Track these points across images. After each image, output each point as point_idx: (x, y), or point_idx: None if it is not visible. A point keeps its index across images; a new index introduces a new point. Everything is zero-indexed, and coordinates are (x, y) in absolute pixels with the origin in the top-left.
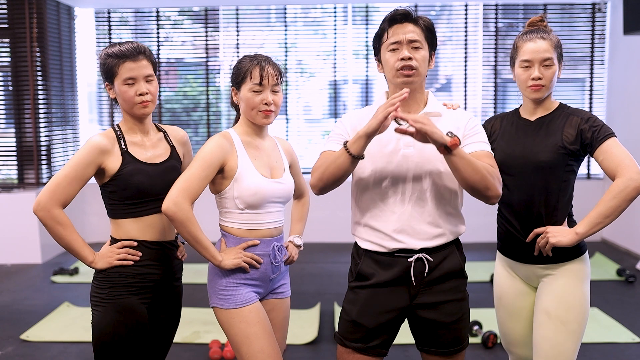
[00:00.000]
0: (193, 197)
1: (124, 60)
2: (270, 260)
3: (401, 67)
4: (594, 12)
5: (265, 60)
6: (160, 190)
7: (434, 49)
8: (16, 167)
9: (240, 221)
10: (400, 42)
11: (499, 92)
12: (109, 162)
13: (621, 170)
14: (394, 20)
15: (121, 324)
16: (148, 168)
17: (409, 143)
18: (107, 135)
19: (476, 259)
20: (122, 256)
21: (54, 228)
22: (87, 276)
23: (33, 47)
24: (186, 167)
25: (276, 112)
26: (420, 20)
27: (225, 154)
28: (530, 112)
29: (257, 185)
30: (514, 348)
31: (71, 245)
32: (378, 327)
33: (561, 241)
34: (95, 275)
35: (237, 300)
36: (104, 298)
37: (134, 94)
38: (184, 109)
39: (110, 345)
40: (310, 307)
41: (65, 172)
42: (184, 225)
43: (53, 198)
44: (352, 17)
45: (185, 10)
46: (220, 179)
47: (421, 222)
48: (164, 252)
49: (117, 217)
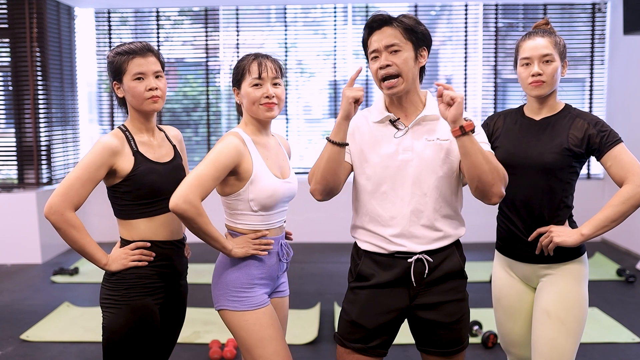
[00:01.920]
0: (203, 196)
1: (133, 57)
2: (278, 258)
3: (382, 76)
4: (594, 12)
5: (263, 55)
6: (171, 189)
7: (423, 45)
8: (16, 167)
9: (251, 222)
10: (378, 49)
11: (499, 92)
12: (121, 162)
13: (630, 177)
14: (372, 27)
15: (136, 324)
16: (159, 167)
17: (407, 147)
18: (117, 136)
19: (476, 259)
20: (136, 257)
21: (68, 232)
22: (87, 276)
23: (33, 47)
24: (184, 166)
25: (280, 106)
26: (397, 22)
27: (240, 155)
28: (535, 111)
29: (273, 187)
30: (512, 348)
31: (85, 248)
32: (378, 327)
33: (566, 241)
34: (107, 277)
35: (251, 302)
36: (119, 300)
37: (144, 89)
38: (184, 109)
39: (122, 346)
40: (310, 307)
41: (77, 174)
42: (195, 221)
43: (66, 201)
44: (352, 17)
45: (185, 10)
46: (233, 180)
47: (420, 226)
48: (174, 251)
49: (129, 218)
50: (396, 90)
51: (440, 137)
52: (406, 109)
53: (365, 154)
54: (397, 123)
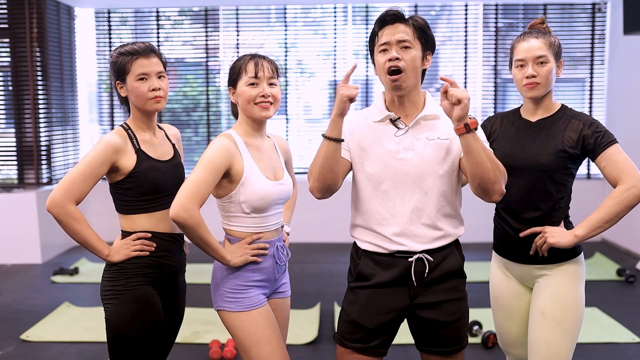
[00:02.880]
0: (201, 202)
1: (136, 57)
2: (275, 261)
3: (389, 68)
4: (594, 12)
5: (259, 55)
6: (172, 186)
7: (429, 48)
8: (16, 167)
9: (245, 225)
10: (389, 42)
11: (499, 92)
12: (123, 160)
13: (624, 177)
14: (384, 21)
15: (140, 313)
16: (161, 165)
17: (407, 146)
18: (120, 134)
19: (475, 259)
20: (138, 247)
21: (69, 224)
22: (87, 276)
23: (33, 47)
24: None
25: (275, 106)
26: (412, 20)
27: (231, 156)
28: (531, 112)
29: (264, 189)
30: (511, 348)
31: (87, 240)
32: (378, 327)
33: (559, 242)
34: (108, 268)
35: (246, 303)
36: (121, 290)
37: (147, 89)
38: (184, 109)
39: (129, 336)
40: (310, 307)
41: (79, 169)
42: (195, 231)
43: (67, 194)
44: (352, 17)
45: (185, 10)
46: (225, 182)
47: (421, 225)
48: (175, 243)
49: (130, 213)
50: (400, 84)
51: (441, 136)
52: (407, 109)
53: (366, 152)
54: (398, 122)
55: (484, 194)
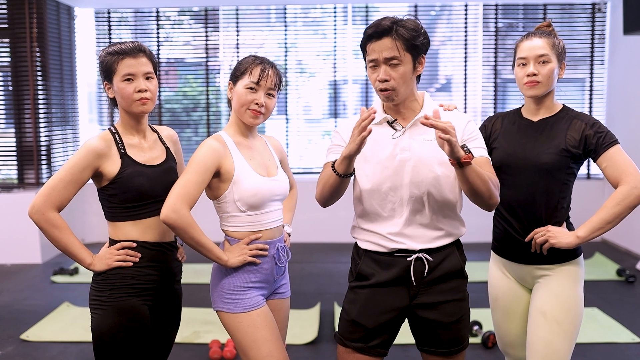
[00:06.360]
0: (191, 203)
1: (123, 57)
2: (275, 262)
3: (379, 88)
4: (594, 12)
5: (269, 63)
6: (160, 192)
7: (422, 52)
8: (16, 167)
9: (243, 224)
10: (377, 60)
11: (499, 92)
12: (107, 165)
13: (625, 178)
14: (371, 36)
15: (122, 326)
16: (148, 170)
17: (405, 148)
18: (104, 138)
19: (476, 259)
20: (121, 257)
21: (50, 231)
22: (87, 276)
23: (33, 47)
24: (180, 167)
25: (266, 116)
26: (399, 32)
27: (219, 157)
28: (533, 112)
29: (256, 185)
30: (510, 349)
31: (68, 247)
32: (378, 327)
33: (561, 242)
34: (94, 277)
35: (245, 304)
36: (104, 301)
37: (133, 90)
38: (184, 109)
39: (111, 348)
40: (310, 307)
41: (60, 176)
42: (186, 232)
43: (48, 201)
44: (352, 17)
45: (185, 10)
46: (217, 183)
47: (420, 225)
48: (163, 253)
49: (116, 220)
50: (392, 98)
51: None
52: (403, 112)
53: (365, 155)
54: (395, 124)
55: (481, 205)
